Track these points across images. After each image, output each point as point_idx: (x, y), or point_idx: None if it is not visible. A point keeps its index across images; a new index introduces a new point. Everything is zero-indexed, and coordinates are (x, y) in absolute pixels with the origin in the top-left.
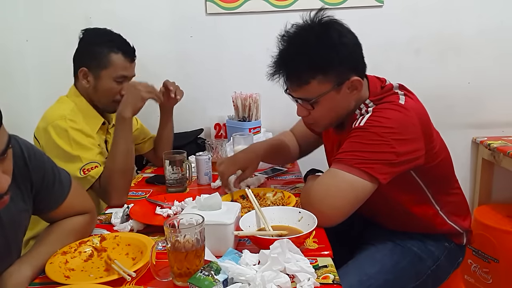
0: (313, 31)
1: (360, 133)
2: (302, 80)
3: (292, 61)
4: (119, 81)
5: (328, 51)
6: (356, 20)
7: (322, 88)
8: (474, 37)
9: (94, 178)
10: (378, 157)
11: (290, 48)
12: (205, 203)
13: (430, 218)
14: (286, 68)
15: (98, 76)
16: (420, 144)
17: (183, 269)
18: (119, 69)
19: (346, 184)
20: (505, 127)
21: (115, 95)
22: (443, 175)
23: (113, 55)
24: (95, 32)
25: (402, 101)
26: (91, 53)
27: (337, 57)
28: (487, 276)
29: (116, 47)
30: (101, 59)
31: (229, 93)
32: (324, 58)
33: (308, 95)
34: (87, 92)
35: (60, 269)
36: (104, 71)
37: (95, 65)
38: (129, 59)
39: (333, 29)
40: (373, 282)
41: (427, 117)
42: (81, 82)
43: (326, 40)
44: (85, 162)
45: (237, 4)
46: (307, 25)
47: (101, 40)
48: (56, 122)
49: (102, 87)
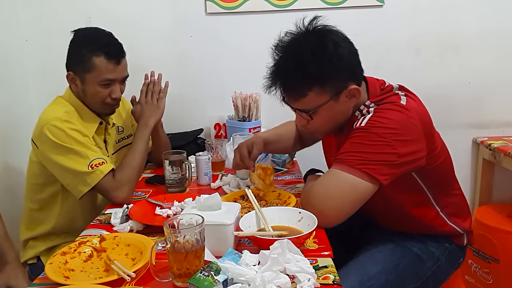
0: (308, 43)
1: (361, 133)
2: (299, 93)
3: (288, 74)
4: (105, 84)
5: (324, 63)
6: (356, 20)
7: (320, 99)
8: (475, 37)
9: (103, 173)
10: (379, 158)
11: (286, 60)
12: (205, 203)
13: (431, 220)
14: (283, 81)
15: (84, 80)
16: (422, 145)
17: (182, 270)
18: (103, 73)
19: (346, 185)
20: (506, 127)
21: (104, 98)
22: (444, 176)
23: (95, 59)
24: (81, 33)
25: (403, 102)
26: (76, 57)
27: (334, 68)
28: (487, 277)
29: (98, 49)
30: (84, 62)
31: (229, 93)
32: (321, 70)
33: (306, 106)
34: (78, 95)
35: (59, 270)
36: (88, 75)
37: (80, 69)
38: (114, 61)
39: (328, 39)
40: (374, 283)
41: (429, 118)
42: (71, 85)
43: (322, 52)
44: (92, 158)
45: (237, 3)
46: (301, 35)
47: (84, 43)
48: (51, 123)
49: (89, 91)
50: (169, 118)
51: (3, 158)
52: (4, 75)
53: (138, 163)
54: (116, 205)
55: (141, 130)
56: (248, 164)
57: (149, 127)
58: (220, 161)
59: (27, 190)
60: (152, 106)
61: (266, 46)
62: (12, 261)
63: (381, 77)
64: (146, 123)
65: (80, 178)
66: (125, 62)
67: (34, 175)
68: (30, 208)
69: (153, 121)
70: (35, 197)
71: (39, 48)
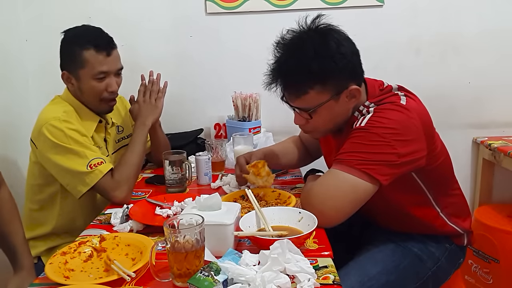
0: (311, 41)
1: (361, 133)
2: (300, 90)
3: (290, 71)
4: (100, 78)
5: (327, 61)
6: (356, 20)
7: (320, 98)
8: (475, 37)
9: (102, 173)
10: (379, 158)
11: (287, 58)
12: (205, 203)
13: (431, 220)
14: (284, 78)
15: (78, 77)
16: (422, 145)
17: (182, 270)
18: (96, 66)
19: (346, 185)
20: (506, 127)
21: (101, 93)
22: (444, 176)
23: (85, 52)
24: (71, 32)
25: (403, 102)
26: (67, 55)
27: (336, 67)
28: (487, 277)
29: (87, 43)
30: (75, 59)
31: (229, 93)
32: (323, 69)
33: (306, 104)
34: (75, 94)
35: (59, 270)
36: (82, 71)
37: (73, 67)
38: (104, 53)
39: (331, 37)
40: (374, 283)
41: (429, 118)
42: (67, 85)
43: (324, 50)
44: (90, 158)
45: (237, 3)
46: (304, 33)
47: (74, 39)
48: (50, 123)
49: (85, 88)
50: (169, 118)
51: (3, 158)
52: (4, 75)
53: (136, 162)
54: (116, 205)
55: (139, 129)
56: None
57: (146, 126)
58: (220, 161)
59: (27, 191)
60: (150, 105)
61: (266, 46)
62: (28, 268)
63: (381, 77)
64: (144, 122)
65: (79, 178)
66: (116, 53)
67: (34, 176)
68: (30, 209)
69: (151, 120)
70: (34, 198)
71: (39, 48)
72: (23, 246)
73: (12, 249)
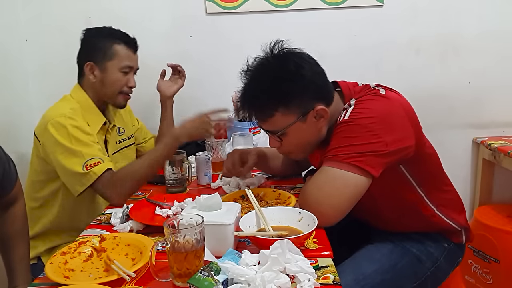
0: (271, 65)
1: (345, 127)
2: (266, 114)
3: (253, 96)
4: (125, 72)
5: (286, 83)
6: (356, 20)
7: (286, 120)
8: (475, 37)
9: (96, 175)
10: (366, 149)
11: (251, 83)
12: (205, 203)
13: (428, 218)
14: (249, 103)
15: (104, 69)
16: (408, 132)
17: (182, 270)
18: (124, 59)
19: (338, 181)
20: (506, 127)
21: (122, 86)
22: (433, 171)
23: (117, 46)
24: (96, 29)
25: (383, 92)
26: (95, 47)
27: (296, 88)
28: (487, 277)
29: (118, 38)
30: (105, 51)
31: (229, 93)
32: (283, 91)
33: (275, 127)
34: (93, 87)
35: (59, 270)
36: (110, 62)
37: (100, 58)
38: (132, 49)
39: (290, 61)
40: (369, 282)
41: (412, 109)
42: (88, 77)
43: (283, 72)
44: (87, 158)
45: (237, 3)
46: (265, 59)
47: (103, 34)
48: (56, 119)
49: (109, 79)
50: None
51: None
52: (4, 75)
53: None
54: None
55: (168, 142)
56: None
57: (177, 142)
58: (220, 161)
59: (28, 188)
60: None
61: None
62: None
63: (381, 77)
64: (178, 138)
65: (75, 178)
66: (137, 55)
67: (36, 172)
68: (30, 207)
69: (185, 138)
70: (35, 195)
71: (39, 48)
72: (21, 264)
73: (11, 265)
